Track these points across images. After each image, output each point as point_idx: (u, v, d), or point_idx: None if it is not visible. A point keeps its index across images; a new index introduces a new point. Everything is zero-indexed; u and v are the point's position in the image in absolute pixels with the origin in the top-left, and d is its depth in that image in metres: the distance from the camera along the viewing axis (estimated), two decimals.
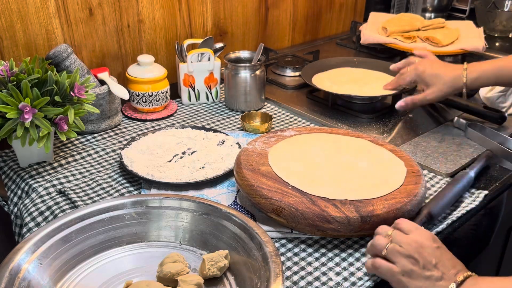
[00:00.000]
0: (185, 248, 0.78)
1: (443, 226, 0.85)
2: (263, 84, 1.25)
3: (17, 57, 1.12)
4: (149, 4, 1.29)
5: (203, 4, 1.41)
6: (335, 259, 0.78)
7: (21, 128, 0.88)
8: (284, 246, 0.81)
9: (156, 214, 0.80)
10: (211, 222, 0.78)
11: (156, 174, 0.93)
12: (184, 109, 1.26)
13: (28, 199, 0.91)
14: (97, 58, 1.26)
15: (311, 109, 1.24)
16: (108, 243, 0.77)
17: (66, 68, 1.07)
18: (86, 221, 0.76)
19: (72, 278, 0.72)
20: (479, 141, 1.08)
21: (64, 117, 0.93)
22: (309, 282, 0.74)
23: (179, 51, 1.24)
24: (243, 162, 0.89)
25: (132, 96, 1.20)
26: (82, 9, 1.18)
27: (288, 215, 0.78)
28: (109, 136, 1.13)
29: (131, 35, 1.29)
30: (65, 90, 0.94)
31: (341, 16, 1.88)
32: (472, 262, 1.13)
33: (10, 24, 1.09)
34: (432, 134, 1.12)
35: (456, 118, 1.15)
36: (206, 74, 1.25)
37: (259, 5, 1.55)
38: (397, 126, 1.16)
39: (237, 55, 1.28)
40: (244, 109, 1.24)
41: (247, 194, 0.84)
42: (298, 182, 0.83)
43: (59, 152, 1.05)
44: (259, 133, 1.12)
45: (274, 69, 1.47)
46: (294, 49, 1.67)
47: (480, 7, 1.81)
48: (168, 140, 1.05)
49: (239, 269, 0.73)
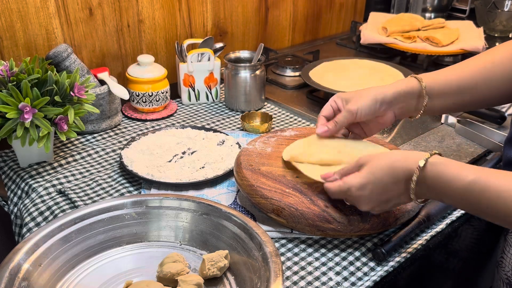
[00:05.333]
0: (185, 248, 0.78)
1: (443, 226, 0.85)
2: (263, 84, 1.25)
3: (17, 57, 1.12)
4: (149, 4, 1.29)
5: (203, 4, 1.40)
6: (335, 259, 0.78)
7: (21, 128, 0.88)
8: (284, 246, 0.81)
9: (156, 214, 0.80)
10: (211, 222, 0.78)
11: (156, 174, 0.93)
12: (184, 109, 1.26)
13: (28, 199, 0.91)
14: (97, 58, 1.26)
15: (311, 109, 1.24)
16: (108, 243, 0.77)
17: (66, 68, 1.07)
18: (86, 221, 0.76)
19: (72, 278, 0.72)
20: (469, 136, 1.09)
21: (64, 117, 0.93)
22: (309, 282, 0.74)
23: (179, 51, 1.24)
24: (243, 162, 0.89)
25: (132, 96, 1.20)
26: (82, 9, 1.18)
27: (288, 215, 0.78)
28: (109, 136, 1.13)
29: (131, 35, 1.29)
30: (65, 90, 0.94)
31: (341, 16, 1.88)
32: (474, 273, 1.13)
33: (10, 24, 1.09)
34: (432, 134, 1.12)
35: (444, 116, 1.15)
36: (206, 74, 1.25)
37: (259, 5, 1.55)
38: (397, 126, 1.16)
39: (237, 55, 1.28)
40: (244, 109, 1.24)
41: (247, 194, 0.84)
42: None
43: (59, 152, 1.05)
44: (259, 133, 1.12)
45: (274, 69, 1.47)
46: (294, 49, 1.67)
47: (480, 7, 1.80)
48: (168, 140, 1.05)
49: (239, 269, 0.73)
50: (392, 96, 0.83)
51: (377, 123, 0.87)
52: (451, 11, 1.99)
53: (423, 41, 1.55)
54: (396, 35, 1.58)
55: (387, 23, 1.64)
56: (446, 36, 1.54)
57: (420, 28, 1.63)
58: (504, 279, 0.88)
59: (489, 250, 1.15)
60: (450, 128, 1.15)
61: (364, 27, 1.66)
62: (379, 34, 1.61)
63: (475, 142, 1.09)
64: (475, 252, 1.12)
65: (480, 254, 1.14)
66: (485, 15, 1.77)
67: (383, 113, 0.85)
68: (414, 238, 0.83)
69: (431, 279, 0.98)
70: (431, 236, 0.83)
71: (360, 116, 0.83)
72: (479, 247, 1.12)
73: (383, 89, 0.84)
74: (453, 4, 1.98)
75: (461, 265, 1.11)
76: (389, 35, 1.59)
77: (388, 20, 1.68)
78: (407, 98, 0.84)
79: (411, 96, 0.83)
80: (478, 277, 1.22)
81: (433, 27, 1.64)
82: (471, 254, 1.10)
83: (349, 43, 1.74)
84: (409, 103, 0.84)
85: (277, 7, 1.61)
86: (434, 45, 1.52)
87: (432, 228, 0.84)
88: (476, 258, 1.15)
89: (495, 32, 1.78)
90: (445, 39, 1.52)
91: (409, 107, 0.85)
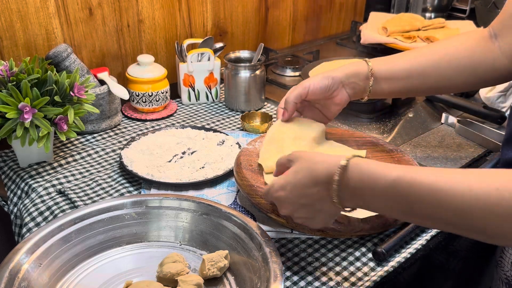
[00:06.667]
0: (185, 248, 0.78)
1: None
2: (263, 84, 1.25)
3: (17, 57, 1.12)
4: (149, 4, 1.29)
5: (203, 4, 1.40)
6: (335, 259, 0.78)
7: (21, 128, 0.88)
8: (284, 246, 0.81)
9: (156, 214, 0.80)
10: (211, 222, 0.78)
11: (156, 174, 0.93)
12: (184, 109, 1.26)
13: (28, 199, 0.91)
14: (97, 58, 1.26)
15: None
16: (108, 243, 0.77)
17: (66, 68, 1.07)
18: (86, 221, 0.76)
19: (72, 278, 0.72)
20: (469, 136, 1.08)
21: (64, 117, 0.93)
22: (309, 282, 0.74)
23: (179, 51, 1.24)
24: (243, 162, 0.89)
25: (132, 96, 1.20)
26: (82, 9, 1.18)
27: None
28: (109, 136, 1.13)
29: (131, 35, 1.29)
30: (65, 90, 0.94)
31: (341, 16, 1.88)
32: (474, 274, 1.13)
33: (10, 24, 1.09)
34: (432, 134, 1.12)
35: (445, 116, 1.15)
36: (206, 74, 1.25)
37: (259, 5, 1.55)
38: (397, 126, 1.16)
39: (237, 55, 1.28)
40: (244, 109, 1.24)
41: (247, 194, 0.84)
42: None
43: (59, 152, 1.05)
44: (259, 133, 1.12)
45: (274, 69, 1.47)
46: (294, 49, 1.67)
47: (480, 7, 1.80)
48: (168, 140, 1.05)
49: (239, 269, 0.73)
50: (342, 76, 0.88)
51: (333, 104, 0.91)
52: (451, 11, 1.99)
53: (423, 41, 1.55)
54: (396, 35, 1.58)
55: (387, 23, 1.64)
56: (446, 36, 1.54)
57: (420, 28, 1.63)
58: (503, 279, 0.88)
59: (489, 250, 1.15)
60: (450, 128, 1.14)
61: (364, 27, 1.66)
62: (379, 34, 1.61)
63: (475, 142, 1.09)
64: (475, 252, 1.12)
65: (480, 254, 1.14)
66: (485, 15, 1.77)
67: (336, 93, 0.89)
68: (414, 238, 0.83)
69: (431, 279, 0.98)
70: (431, 236, 0.83)
71: (312, 90, 0.87)
72: (479, 247, 1.12)
73: (334, 70, 0.89)
74: (453, 4, 1.98)
75: (461, 265, 1.11)
76: (389, 35, 1.59)
77: (388, 20, 1.68)
78: (356, 78, 0.88)
79: (359, 77, 0.88)
80: (478, 277, 1.22)
81: (433, 27, 1.64)
82: (471, 254, 1.10)
83: (349, 43, 1.74)
84: (358, 84, 0.89)
85: (277, 7, 1.61)
86: None
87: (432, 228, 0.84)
88: (476, 258, 1.15)
89: None
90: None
91: (359, 87, 0.89)
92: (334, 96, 0.89)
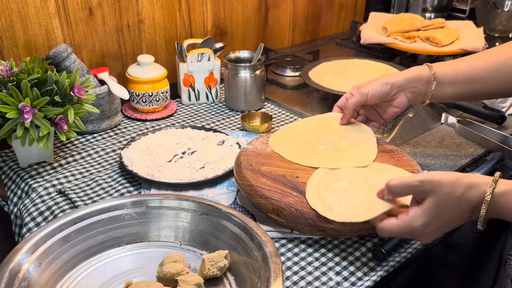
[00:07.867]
0: (185, 248, 0.78)
1: None
2: (263, 84, 1.25)
3: (17, 57, 1.12)
4: (149, 4, 1.29)
5: (203, 4, 1.40)
6: (335, 259, 0.78)
7: (21, 128, 0.88)
8: (284, 246, 0.81)
9: (156, 214, 0.80)
10: (211, 222, 0.78)
11: (156, 174, 0.93)
12: (184, 109, 1.26)
13: (28, 199, 0.91)
14: (97, 58, 1.26)
15: (311, 109, 1.24)
16: (108, 243, 0.77)
17: (66, 68, 1.07)
18: (86, 221, 0.76)
19: (72, 278, 0.72)
20: (469, 136, 1.09)
21: (64, 117, 0.93)
22: (309, 282, 0.74)
23: (179, 51, 1.24)
24: (243, 162, 0.89)
25: (132, 96, 1.20)
26: (82, 9, 1.18)
27: (288, 215, 0.78)
28: (109, 136, 1.13)
29: (131, 35, 1.29)
30: (65, 90, 0.94)
31: (341, 16, 1.88)
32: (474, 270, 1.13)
33: (10, 24, 1.09)
34: (432, 134, 1.12)
35: (444, 116, 1.15)
36: (206, 74, 1.25)
37: (259, 5, 1.55)
38: (397, 126, 1.16)
39: (237, 55, 1.28)
40: (244, 109, 1.24)
41: (247, 194, 0.84)
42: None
43: (59, 152, 1.05)
44: (259, 133, 1.12)
45: (274, 69, 1.47)
46: (294, 49, 1.67)
47: (480, 7, 1.80)
48: (168, 140, 1.05)
49: (239, 269, 0.73)
50: (402, 81, 0.90)
51: (391, 106, 0.93)
52: (451, 11, 1.99)
53: (423, 41, 1.55)
54: (396, 35, 1.58)
55: (387, 23, 1.64)
56: (446, 36, 1.54)
57: (420, 28, 1.63)
58: None
59: (490, 246, 1.15)
60: (450, 128, 1.14)
61: (364, 27, 1.66)
62: (379, 34, 1.61)
63: (475, 142, 1.09)
64: (476, 249, 1.12)
65: (481, 252, 1.14)
66: (485, 15, 1.77)
67: (395, 97, 0.91)
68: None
69: (431, 279, 0.98)
70: None
71: (371, 97, 0.89)
72: (480, 245, 1.12)
73: (395, 74, 0.91)
74: (453, 4, 1.98)
75: (462, 265, 1.11)
76: (389, 35, 1.59)
77: (388, 20, 1.68)
78: (417, 83, 0.90)
79: (420, 81, 0.90)
80: (479, 276, 1.22)
81: (433, 27, 1.64)
82: (472, 251, 1.10)
83: (349, 43, 1.74)
84: (419, 88, 0.90)
85: (277, 7, 1.61)
86: (434, 45, 1.52)
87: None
88: (477, 255, 1.15)
89: (495, 32, 1.78)
90: (445, 39, 1.52)
91: (420, 91, 0.91)
92: (393, 99, 0.91)
